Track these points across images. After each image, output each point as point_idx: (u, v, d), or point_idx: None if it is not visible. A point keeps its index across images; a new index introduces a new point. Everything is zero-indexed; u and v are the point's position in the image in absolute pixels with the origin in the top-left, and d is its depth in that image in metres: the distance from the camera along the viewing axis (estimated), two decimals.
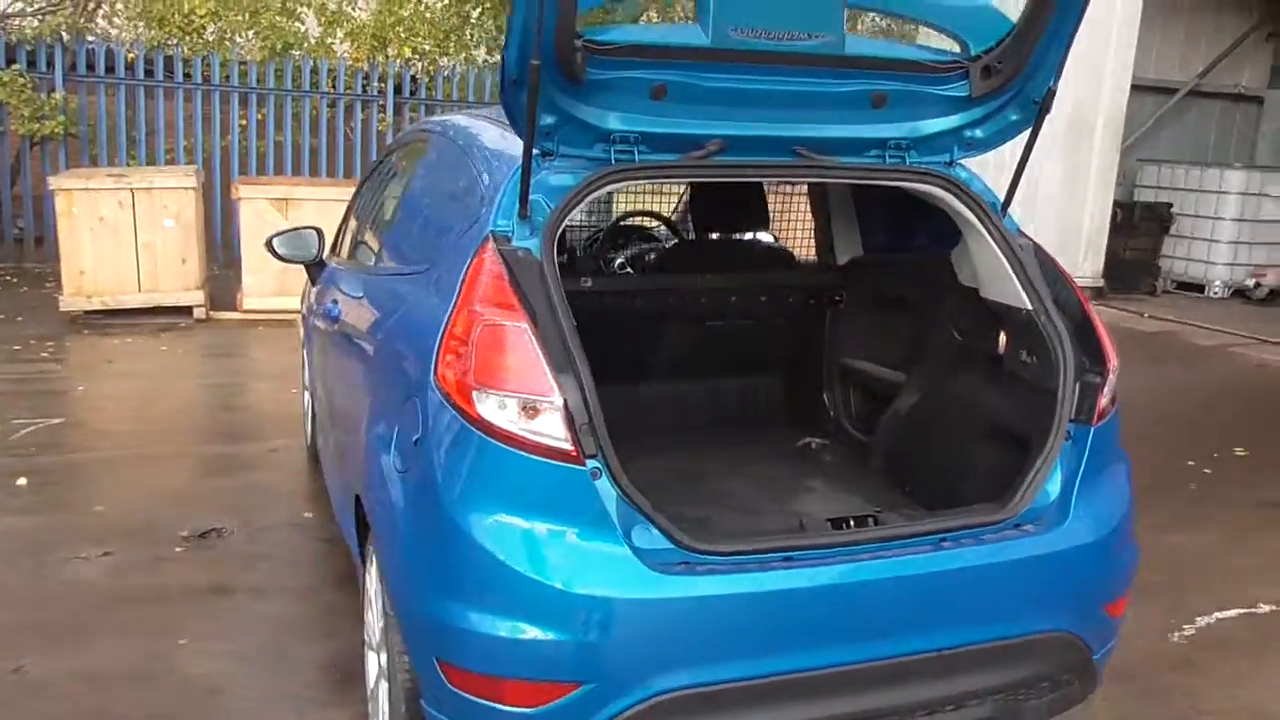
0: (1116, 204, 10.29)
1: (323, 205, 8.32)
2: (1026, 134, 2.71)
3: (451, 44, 11.81)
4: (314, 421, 4.78)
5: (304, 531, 4.31)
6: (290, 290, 8.30)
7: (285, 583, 3.84)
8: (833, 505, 2.92)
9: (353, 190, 4.79)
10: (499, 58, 2.45)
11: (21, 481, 4.68)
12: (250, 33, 11.09)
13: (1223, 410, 7.16)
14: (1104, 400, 2.50)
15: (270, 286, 8.32)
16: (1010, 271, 2.67)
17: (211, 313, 8.26)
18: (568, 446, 2.11)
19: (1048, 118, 2.64)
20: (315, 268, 4.38)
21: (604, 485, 2.12)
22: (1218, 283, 11.20)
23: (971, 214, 2.71)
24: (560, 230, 2.39)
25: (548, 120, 2.35)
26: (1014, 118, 2.68)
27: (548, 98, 2.28)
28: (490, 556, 2.11)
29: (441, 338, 2.27)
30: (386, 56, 11.49)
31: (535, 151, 2.38)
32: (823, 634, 2.22)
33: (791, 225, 4.46)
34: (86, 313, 7.87)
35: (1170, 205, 11.15)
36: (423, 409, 2.27)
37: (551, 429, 2.12)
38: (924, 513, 2.59)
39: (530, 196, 2.33)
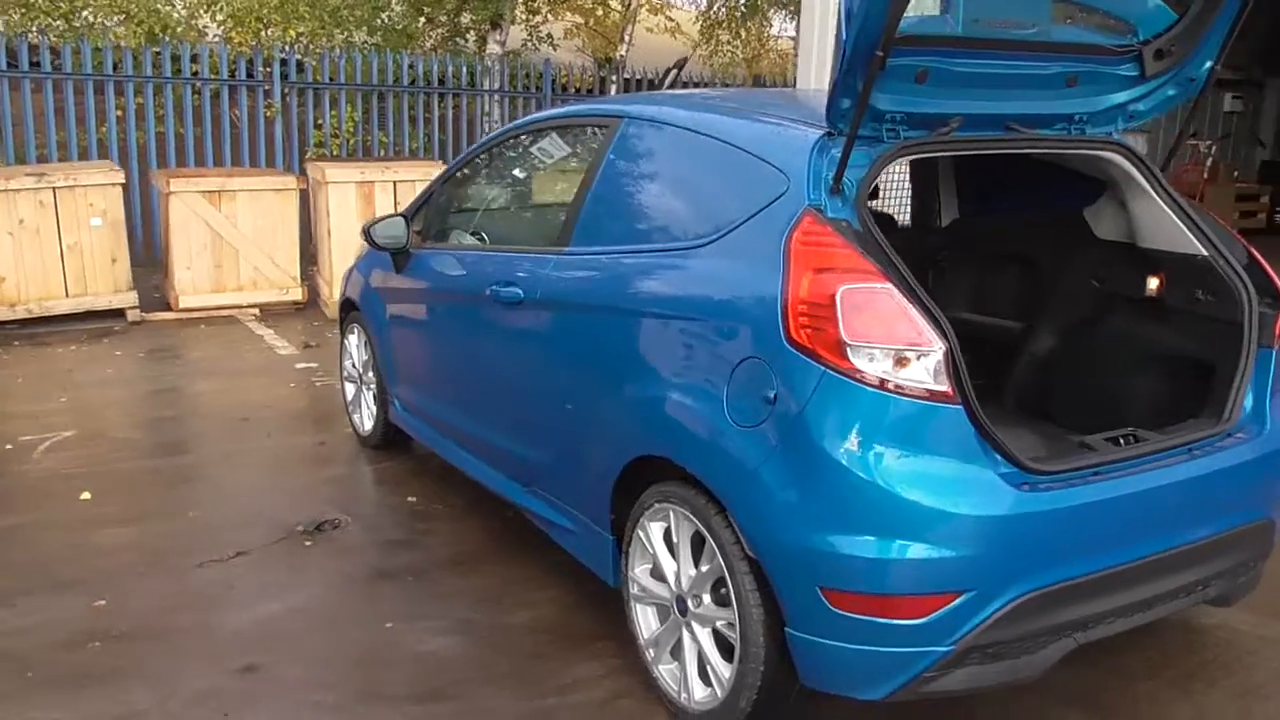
0: None
1: (256, 196, 8.11)
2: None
3: (333, 24, 11.52)
4: (383, 406, 4.81)
5: (421, 514, 4.37)
6: (225, 286, 8.06)
7: (444, 559, 3.93)
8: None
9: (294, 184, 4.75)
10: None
11: (85, 496, 4.49)
12: (119, 18, 10.47)
13: None
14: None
15: (207, 283, 8.03)
16: (1181, 224, 3.14)
17: (145, 314, 7.87)
18: (945, 388, 2.41)
19: None
20: (401, 255, 4.43)
21: (968, 420, 2.44)
22: None
23: (1142, 176, 3.16)
24: None
25: (845, 104, 2.63)
26: (1171, 93, 3.15)
27: (854, 84, 2.56)
28: (882, 490, 2.39)
29: (785, 304, 2.52)
30: (268, 39, 11.11)
31: (827, 131, 2.68)
32: (1123, 535, 2.63)
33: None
34: (6, 323, 7.35)
35: None
36: (778, 368, 2.51)
37: (924, 375, 2.41)
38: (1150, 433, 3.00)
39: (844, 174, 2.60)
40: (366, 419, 5.15)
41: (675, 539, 2.88)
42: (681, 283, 2.88)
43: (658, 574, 3.01)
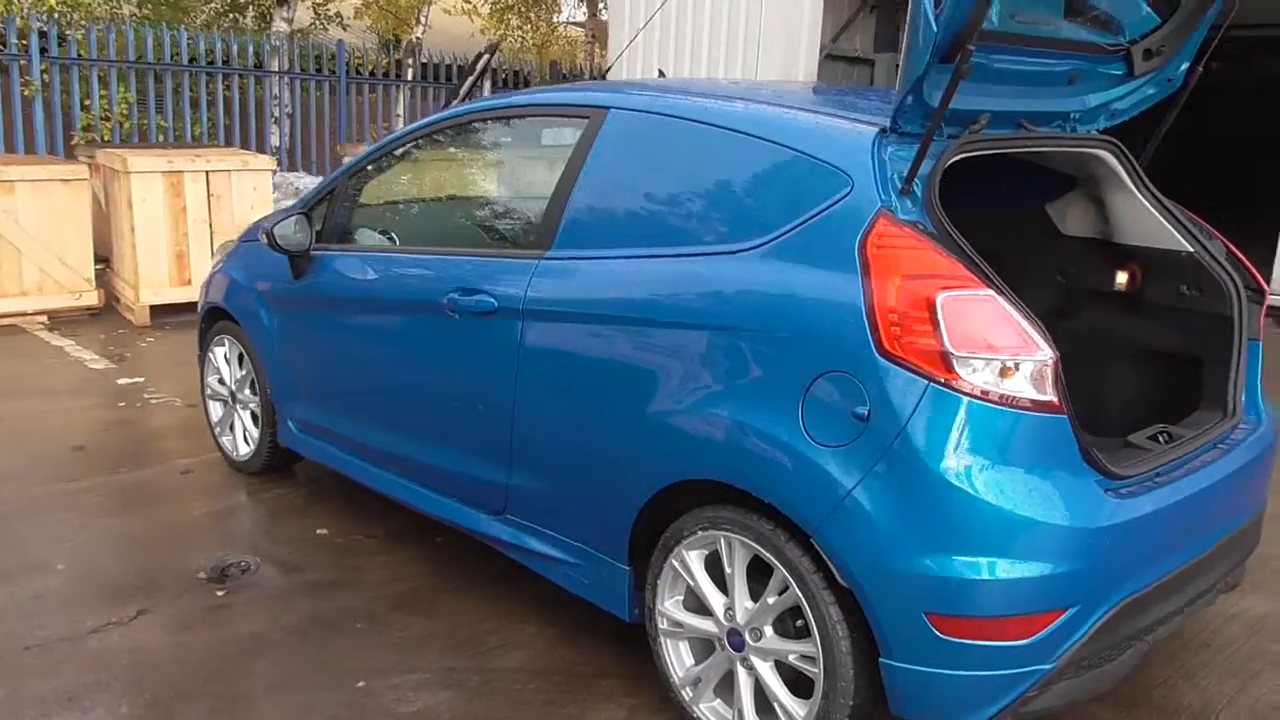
0: None
1: (41, 188, 7.12)
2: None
3: None
4: (269, 427, 4.28)
5: (341, 548, 3.90)
6: (6, 290, 7.04)
7: (390, 599, 3.50)
8: None
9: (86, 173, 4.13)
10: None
11: None
12: None
13: None
14: (1264, 319, 3.14)
15: None
16: (1164, 221, 3.21)
17: None
18: (1053, 398, 2.32)
19: None
20: (302, 259, 3.92)
21: (1070, 430, 2.36)
22: None
23: (1127, 174, 3.21)
24: None
25: (909, 101, 2.49)
26: (1150, 92, 3.22)
27: (931, 80, 2.43)
28: (994, 508, 2.27)
29: (873, 313, 2.35)
30: (21, 6, 9.81)
31: (882, 128, 2.54)
32: (1186, 534, 2.65)
33: None
34: None
35: None
36: (869, 382, 2.33)
37: (1030, 385, 2.30)
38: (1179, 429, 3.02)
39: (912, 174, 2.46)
40: (242, 442, 4.57)
41: (729, 568, 2.65)
42: (725, 290, 2.64)
43: (696, 607, 2.77)
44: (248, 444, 4.55)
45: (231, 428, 4.64)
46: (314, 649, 3.21)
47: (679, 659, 2.83)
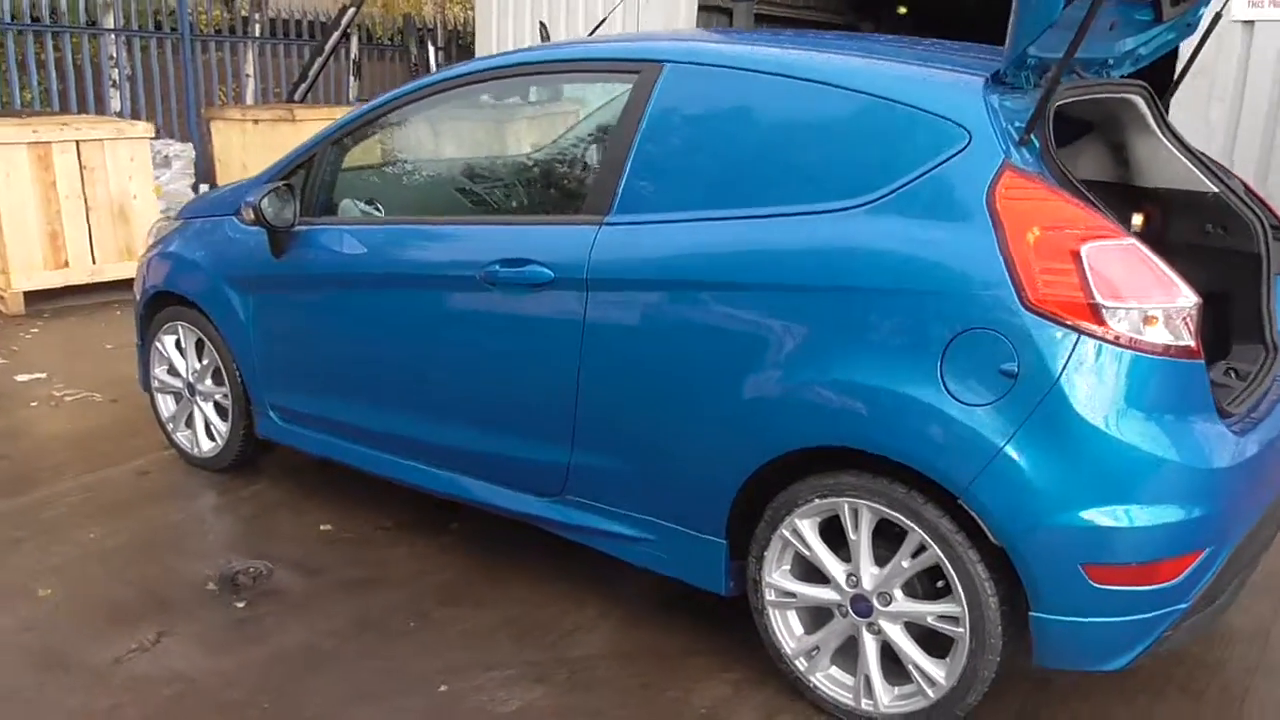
0: None
1: None
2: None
3: None
4: (242, 418, 3.95)
5: (354, 542, 3.64)
6: None
7: (432, 593, 3.29)
8: None
9: None
10: None
11: None
12: None
13: None
14: None
15: None
16: (1188, 163, 3.31)
17: None
18: (1192, 343, 2.35)
19: None
20: (284, 234, 3.60)
21: (1205, 374, 2.41)
22: None
23: (1154, 117, 3.29)
24: None
25: (1030, 49, 2.47)
26: (1170, 37, 3.29)
27: (1046, 26, 2.41)
28: (1149, 456, 2.30)
29: (1012, 267, 2.32)
30: None
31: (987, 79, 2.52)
32: (1275, 470, 2.75)
33: None
34: None
35: None
36: (1016, 338, 2.31)
37: (1173, 331, 2.33)
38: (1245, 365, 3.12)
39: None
40: (204, 438, 4.20)
41: (853, 535, 2.59)
42: (835, 249, 2.55)
43: (808, 576, 2.71)
44: (212, 439, 4.18)
45: (189, 422, 4.26)
46: (375, 655, 2.99)
47: (789, 629, 2.77)
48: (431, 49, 11.84)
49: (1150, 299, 2.32)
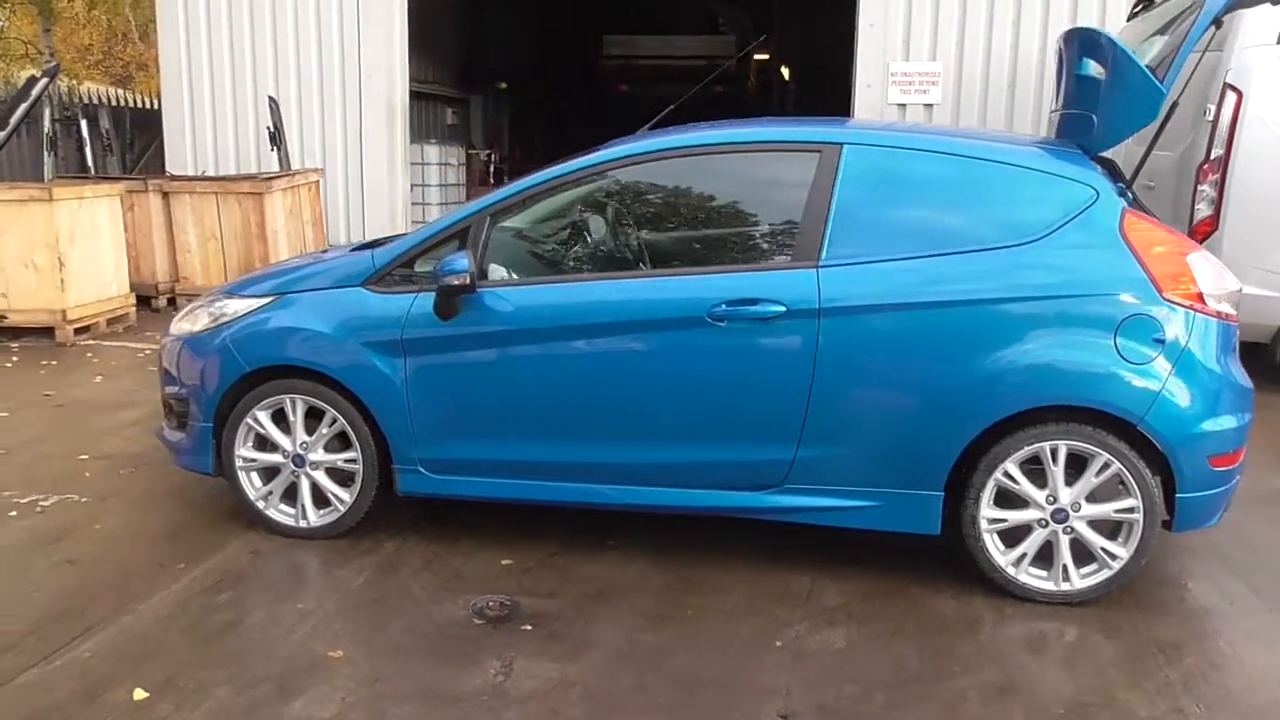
0: None
1: None
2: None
3: None
4: (369, 484, 4.20)
5: (543, 570, 4.03)
6: None
7: (657, 591, 3.86)
8: None
9: None
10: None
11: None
12: None
13: None
14: None
15: None
16: None
17: None
18: (1235, 313, 3.80)
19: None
20: (455, 298, 3.96)
21: None
22: None
23: None
24: None
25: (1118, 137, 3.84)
26: None
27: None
28: (1238, 383, 3.74)
29: (1150, 274, 3.63)
30: None
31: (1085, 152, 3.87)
32: None
33: None
34: None
35: None
36: (1162, 318, 3.61)
37: (1232, 304, 3.76)
38: None
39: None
40: (313, 510, 4.27)
41: (1053, 466, 3.72)
42: (1021, 272, 3.69)
43: (1014, 504, 3.78)
44: (321, 511, 4.27)
45: (280, 498, 4.29)
46: (698, 635, 3.56)
47: (998, 548, 3.82)
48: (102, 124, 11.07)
49: (1224, 286, 3.75)
